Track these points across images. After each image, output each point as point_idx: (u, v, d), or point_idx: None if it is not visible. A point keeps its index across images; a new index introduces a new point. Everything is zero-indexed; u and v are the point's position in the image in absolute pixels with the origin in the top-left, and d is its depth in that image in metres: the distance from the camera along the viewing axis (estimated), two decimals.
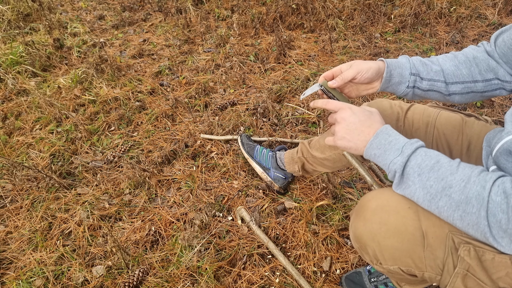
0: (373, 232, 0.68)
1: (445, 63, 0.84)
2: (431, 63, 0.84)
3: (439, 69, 0.83)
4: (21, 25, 2.68)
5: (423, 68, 0.83)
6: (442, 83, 0.83)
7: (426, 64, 0.84)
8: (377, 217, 0.68)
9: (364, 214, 0.70)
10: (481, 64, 0.81)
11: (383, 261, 0.69)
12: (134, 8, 3.04)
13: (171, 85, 2.08)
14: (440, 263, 0.64)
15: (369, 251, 0.70)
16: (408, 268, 0.67)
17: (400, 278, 0.82)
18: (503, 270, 0.60)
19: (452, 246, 0.63)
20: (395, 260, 0.67)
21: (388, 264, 0.69)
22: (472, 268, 0.62)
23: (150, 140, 1.71)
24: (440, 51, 2.17)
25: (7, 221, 1.39)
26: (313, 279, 1.14)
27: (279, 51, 2.23)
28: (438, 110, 0.96)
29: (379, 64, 0.82)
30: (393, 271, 0.72)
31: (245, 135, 1.57)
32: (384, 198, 0.69)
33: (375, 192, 0.73)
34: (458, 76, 0.82)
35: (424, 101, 1.83)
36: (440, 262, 0.64)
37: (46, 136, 1.76)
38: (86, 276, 1.18)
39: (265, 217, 1.34)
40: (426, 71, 0.83)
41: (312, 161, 1.23)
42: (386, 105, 1.00)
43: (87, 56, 2.38)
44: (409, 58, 0.85)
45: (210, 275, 1.14)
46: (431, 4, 2.49)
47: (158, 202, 1.42)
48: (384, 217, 0.67)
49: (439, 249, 0.64)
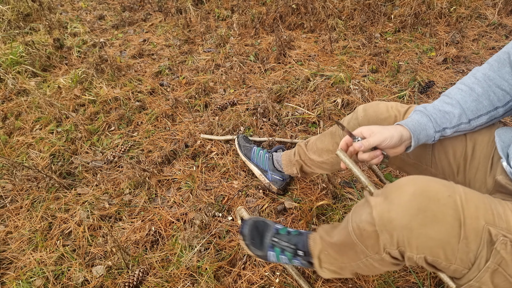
0: (409, 218, 0.63)
1: (466, 102, 0.82)
2: (451, 108, 0.82)
3: (461, 112, 0.82)
4: (21, 25, 2.68)
5: (445, 119, 0.82)
6: (466, 124, 0.82)
7: (447, 113, 0.82)
8: (415, 203, 0.63)
9: (400, 197, 0.65)
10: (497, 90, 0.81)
11: (408, 248, 0.65)
12: (134, 8, 3.04)
13: (171, 85, 2.08)
14: (472, 257, 0.62)
15: (395, 236, 0.65)
16: (435, 259, 0.64)
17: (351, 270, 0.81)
18: None
19: (488, 239, 0.60)
20: (424, 249, 0.63)
21: (413, 252, 0.65)
22: (505, 262, 0.60)
23: (150, 140, 1.71)
24: (440, 51, 2.17)
25: (7, 221, 1.39)
26: (313, 279, 1.14)
27: (279, 51, 2.23)
28: None
29: (400, 130, 0.80)
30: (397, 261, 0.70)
31: (242, 136, 1.56)
32: (424, 183, 0.66)
33: (411, 177, 0.69)
34: (480, 110, 0.81)
35: (420, 102, 1.83)
36: (472, 255, 0.62)
37: (46, 136, 1.76)
38: (86, 276, 1.18)
39: (265, 217, 1.34)
40: (449, 121, 0.82)
41: (310, 163, 1.22)
42: (383, 108, 0.98)
43: (87, 56, 2.38)
44: (429, 115, 0.83)
45: (210, 275, 1.14)
46: (431, 4, 2.49)
47: (158, 202, 1.42)
48: (423, 203, 0.63)
49: (474, 242, 0.61)
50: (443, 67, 2.06)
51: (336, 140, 1.11)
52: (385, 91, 1.90)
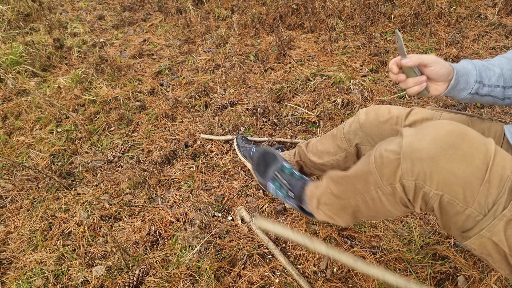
0: (438, 150, 0.64)
1: (504, 68, 0.83)
2: (493, 67, 0.83)
3: (500, 73, 0.82)
4: (21, 25, 2.68)
5: (486, 74, 0.83)
6: (501, 88, 0.83)
7: (489, 69, 0.83)
8: (450, 139, 0.65)
9: (436, 131, 0.67)
10: None
11: (429, 182, 0.65)
12: (134, 8, 3.04)
13: (171, 85, 2.08)
14: (491, 202, 0.62)
15: (418, 166, 0.66)
16: (452, 198, 0.64)
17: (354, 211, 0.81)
18: None
19: (510, 187, 0.62)
20: (445, 185, 0.64)
21: (432, 188, 0.65)
22: None
23: (150, 140, 1.71)
24: (440, 51, 2.17)
25: (7, 221, 1.39)
26: (313, 279, 1.14)
27: (279, 51, 2.23)
28: (439, 113, 0.94)
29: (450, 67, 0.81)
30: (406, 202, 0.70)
31: (241, 136, 1.56)
32: (463, 127, 0.67)
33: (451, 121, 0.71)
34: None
35: (421, 105, 1.83)
36: (491, 200, 0.62)
37: (46, 136, 1.76)
38: (86, 276, 1.18)
39: (265, 217, 1.34)
40: (488, 77, 0.83)
41: (310, 165, 1.22)
42: (384, 111, 0.98)
43: (87, 56, 2.38)
44: (474, 64, 0.83)
45: (210, 275, 1.14)
46: (431, 4, 2.49)
47: (158, 202, 1.42)
48: (457, 141, 0.64)
49: (496, 187, 0.62)
50: None
51: (336, 142, 1.11)
52: (385, 91, 1.90)
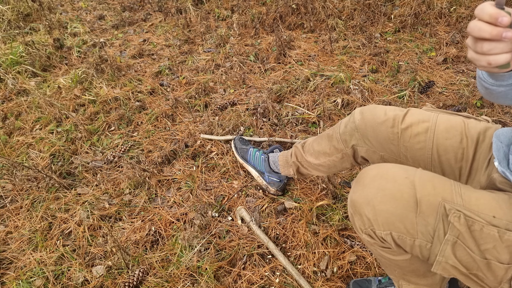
0: (369, 196, 0.71)
1: None
2: None
3: None
4: (21, 25, 2.68)
5: None
6: None
7: None
8: (375, 183, 0.71)
9: (363, 180, 0.74)
10: None
11: (376, 226, 0.71)
12: (134, 8, 3.04)
13: (171, 85, 2.08)
14: (431, 230, 0.66)
15: (363, 216, 0.73)
16: (400, 234, 0.69)
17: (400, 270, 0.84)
18: (491, 242, 0.62)
19: (443, 213, 0.65)
20: (388, 225, 0.70)
21: (381, 230, 0.71)
22: (462, 235, 0.64)
23: (150, 140, 1.71)
24: (440, 51, 2.17)
25: (7, 221, 1.39)
26: (313, 279, 1.14)
27: (279, 51, 2.23)
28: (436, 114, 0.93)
29: None
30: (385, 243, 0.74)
31: (238, 138, 1.56)
32: (384, 168, 0.74)
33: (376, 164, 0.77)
34: None
35: (421, 105, 1.83)
36: (431, 228, 0.66)
37: (46, 136, 1.76)
38: (86, 276, 1.18)
39: (265, 217, 1.34)
40: None
41: (306, 165, 1.22)
42: (380, 112, 0.97)
43: (87, 56, 2.38)
44: None
45: (210, 275, 1.14)
46: (431, 4, 2.49)
47: (158, 202, 1.42)
48: (382, 183, 0.70)
49: (431, 216, 0.66)
50: (443, 67, 2.06)
51: (333, 143, 1.11)
52: (385, 91, 1.90)
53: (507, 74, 0.62)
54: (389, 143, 0.95)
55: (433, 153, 0.90)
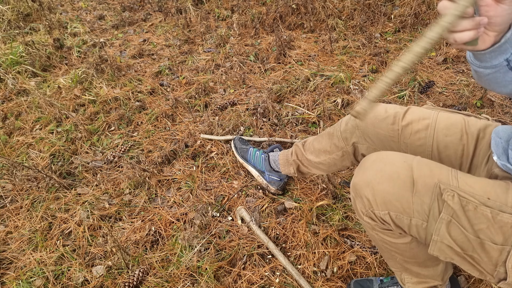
0: (369, 178, 0.75)
1: None
2: None
3: None
4: (21, 25, 2.68)
5: None
6: None
7: None
8: (374, 166, 0.76)
9: (364, 165, 0.78)
10: None
11: (375, 206, 0.74)
12: (134, 8, 3.04)
13: (171, 85, 2.08)
14: (426, 208, 0.69)
15: (364, 197, 0.76)
16: (397, 213, 0.72)
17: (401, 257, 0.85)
18: (485, 222, 0.64)
19: (438, 193, 0.67)
20: (386, 204, 0.72)
21: (379, 210, 0.74)
22: (456, 214, 0.65)
23: (150, 140, 1.71)
24: (440, 51, 2.17)
25: (7, 221, 1.39)
26: (313, 279, 1.14)
27: (279, 51, 2.23)
28: (436, 112, 0.94)
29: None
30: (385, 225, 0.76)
31: (238, 138, 1.56)
32: (384, 154, 0.78)
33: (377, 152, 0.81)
34: None
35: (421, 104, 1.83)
36: (426, 207, 0.68)
37: (46, 136, 1.76)
38: (86, 276, 1.18)
39: (265, 217, 1.34)
40: None
41: (307, 163, 1.22)
42: (381, 110, 0.97)
43: (87, 56, 2.38)
44: None
45: (210, 275, 1.14)
46: (431, 4, 2.49)
47: (158, 202, 1.42)
48: (380, 166, 0.75)
49: (426, 195, 0.68)
50: (443, 67, 2.06)
51: (333, 141, 1.11)
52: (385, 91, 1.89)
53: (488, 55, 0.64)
54: (389, 140, 0.95)
55: (433, 150, 0.90)
